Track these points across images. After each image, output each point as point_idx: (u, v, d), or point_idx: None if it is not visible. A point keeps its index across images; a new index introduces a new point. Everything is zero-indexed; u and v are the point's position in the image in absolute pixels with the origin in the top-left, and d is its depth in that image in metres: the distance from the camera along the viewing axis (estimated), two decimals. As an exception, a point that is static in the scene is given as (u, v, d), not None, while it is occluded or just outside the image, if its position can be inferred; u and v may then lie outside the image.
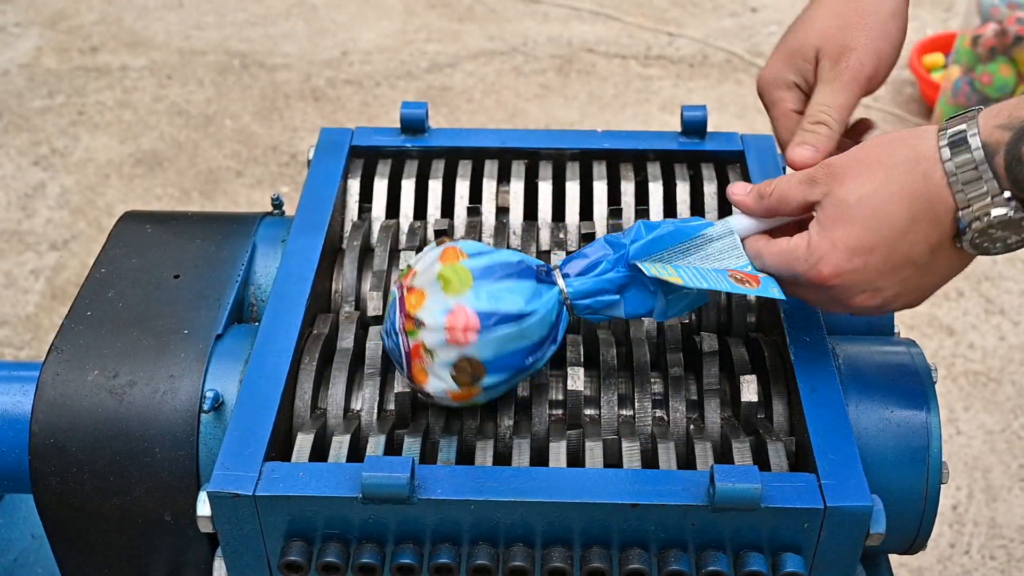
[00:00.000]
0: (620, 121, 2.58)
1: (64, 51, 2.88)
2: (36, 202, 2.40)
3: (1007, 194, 0.69)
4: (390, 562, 0.73)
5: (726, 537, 0.72)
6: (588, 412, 0.83)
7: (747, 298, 0.91)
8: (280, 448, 0.78)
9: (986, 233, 0.70)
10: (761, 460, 0.78)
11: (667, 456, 0.78)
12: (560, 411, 0.84)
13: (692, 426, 0.81)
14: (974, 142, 0.69)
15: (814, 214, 0.76)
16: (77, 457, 0.81)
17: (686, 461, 0.80)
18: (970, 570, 1.70)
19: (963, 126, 0.70)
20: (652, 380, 0.84)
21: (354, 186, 1.00)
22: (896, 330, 0.97)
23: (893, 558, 1.00)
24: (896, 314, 0.97)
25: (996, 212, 0.69)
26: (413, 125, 1.02)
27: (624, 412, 0.83)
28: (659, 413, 0.83)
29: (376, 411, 0.82)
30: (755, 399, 0.81)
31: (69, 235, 2.31)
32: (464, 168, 1.00)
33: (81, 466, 0.81)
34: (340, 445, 0.78)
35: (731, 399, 0.83)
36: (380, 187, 0.99)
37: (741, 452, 0.77)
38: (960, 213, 0.70)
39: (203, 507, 0.72)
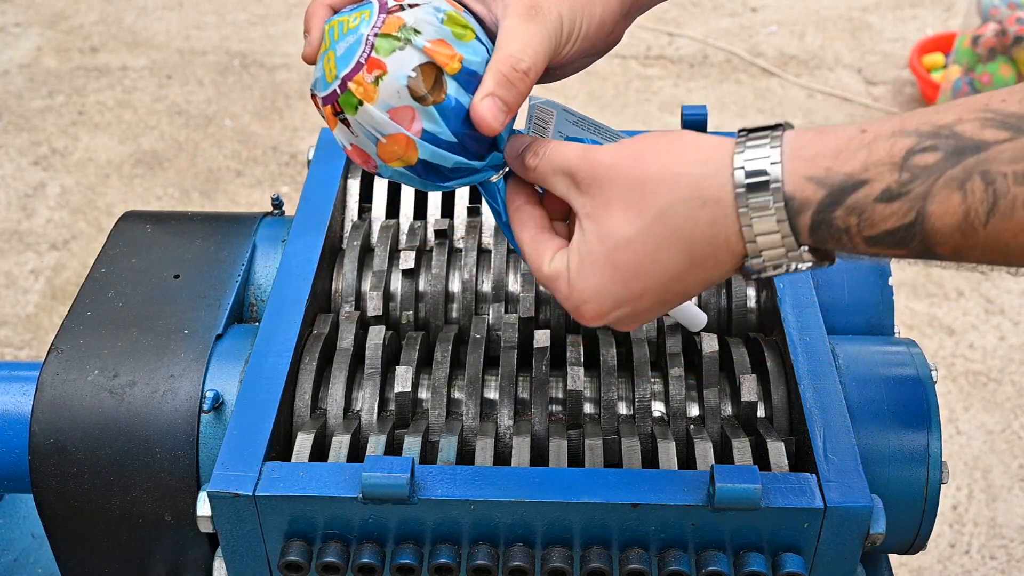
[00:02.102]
0: (620, 121, 2.58)
1: (64, 51, 2.88)
2: (36, 202, 2.40)
3: (805, 248, 0.59)
4: (390, 562, 0.73)
5: (726, 537, 0.72)
6: (588, 412, 0.83)
7: (747, 298, 0.91)
8: (280, 448, 0.78)
9: (772, 276, 0.62)
10: (761, 460, 0.78)
11: (667, 456, 0.78)
12: (560, 411, 0.84)
13: (692, 426, 0.81)
14: (777, 191, 0.58)
15: (577, 222, 0.65)
16: (77, 457, 0.81)
17: (686, 461, 0.80)
18: (970, 570, 1.70)
19: (762, 161, 0.58)
20: (652, 380, 0.84)
21: (354, 186, 1.00)
22: (896, 330, 0.97)
23: (893, 558, 1.00)
24: (896, 314, 0.97)
25: (792, 265, 0.60)
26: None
27: (624, 412, 0.83)
28: (659, 413, 0.83)
29: (376, 411, 0.82)
30: (755, 399, 0.82)
31: (69, 235, 2.31)
32: (464, 168, 1.00)
33: (81, 466, 0.81)
34: (340, 445, 0.78)
35: (731, 399, 0.83)
36: (380, 187, 0.99)
37: (741, 452, 0.77)
38: (749, 262, 0.61)
39: (203, 507, 0.72)
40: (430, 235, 0.97)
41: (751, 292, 0.91)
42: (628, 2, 0.74)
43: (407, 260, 0.92)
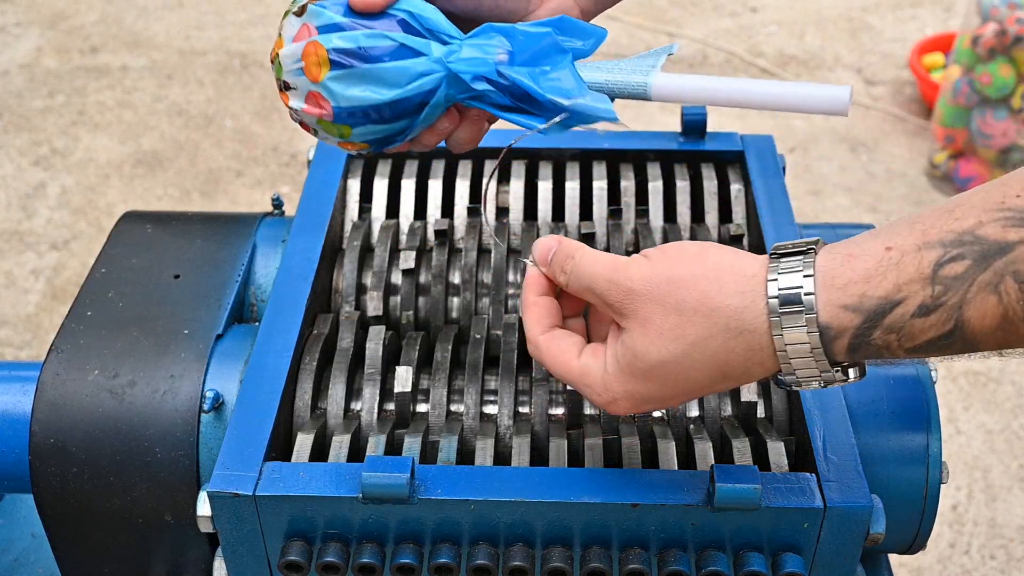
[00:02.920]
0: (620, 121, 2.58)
1: (64, 51, 2.88)
2: (36, 202, 2.40)
3: (838, 370, 0.61)
4: (390, 562, 0.73)
5: (726, 537, 0.72)
6: (588, 412, 0.83)
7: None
8: (280, 448, 0.78)
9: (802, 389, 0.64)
10: (761, 460, 0.78)
11: (667, 456, 0.78)
12: (560, 411, 0.84)
13: (692, 426, 0.81)
14: (810, 326, 0.59)
15: (613, 329, 0.66)
16: (77, 457, 0.81)
17: (686, 461, 0.80)
18: (970, 570, 1.70)
19: (798, 294, 0.59)
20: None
21: (354, 186, 1.00)
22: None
23: (893, 558, 1.00)
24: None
25: (825, 378, 0.62)
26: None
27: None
28: (659, 413, 0.83)
29: (376, 411, 0.82)
30: (755, 399, 0.82)
31: (69, 235, 2.31)
32: (464, 168, 1.01)
33: (81, 466, 0.81)
34: (340, 445, 0.78)
35: (731, 399, 0.83)
36: (380, 187, 0.99)
37: (741, 452, 0.77)
38: (782, 378, 0.63)
39: (203, 507, 0.72)
40: (430, 235, 0.97)
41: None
42: None
43: (407, 260, 0.92)
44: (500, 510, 0.71)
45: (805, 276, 0.60)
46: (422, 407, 0.84)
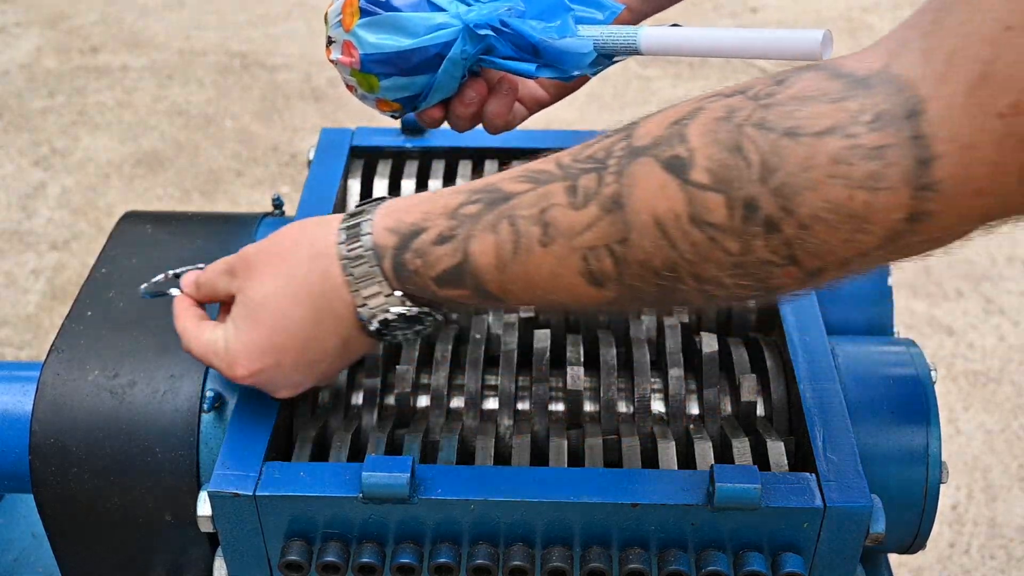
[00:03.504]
0: (620, 121, 2.58)
1: (64, 51, 2.88)
2: (36, 202, 2.40)
3: (399, 293, 0.68)
4: (390, 562, 0.73)
5: (726, 537, 0.72)
6: (588, 411, 0.83)
7: (747, 298, 0.91)
8: (280, 448, 0.78)
9: (389, 326, 0.70)
10: (761, 460, 0.78)
11: (667, 456, 0.78)
12: (560, 410, 0.84)
13: (692, 426, 0.82)
14: (367, 241, 0.68)
15: (234, 302, 0.74)
16: (77, 457, 0.81)
17: (686, 461, 0.80)
18: (970, 570, 1.70)
19: (360, 220, 0.69)
20: (652, 380, 0.84)
21: (354, 186, 1.00)
22: (896, 330, 0.97)
23: (893, 558, 1.00)
24: (896, 314, 0.97)
25: (393, 310, 0.69)
26: (413, 125, 1.02)
27: (624, 412, 0.83)
28: (659, 413, 0.83)
29: (376, 411, 0.82)
30: (755, 399, 0.82)
31: (69, 235, 2.31)
32: (464, 168, 1.00)
33: (81, 466, 0.81)
34: (340, 445, 0.78)
35: (731, 399, 0.83)
36: (380, 187, 0.99)
37: (741, 452, 0.77)
38: (359, 310, 0.69)
39: (203, 507, 0.72)
40: (430, 235, 0.97)
41: (751, 292, 0.91)
42: None
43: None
44: (500, 510, 0.71)
45: (372, 209, 0.69)
46: (422, 406, 0.84)
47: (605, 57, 0.78)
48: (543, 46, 0.76)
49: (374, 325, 0.70)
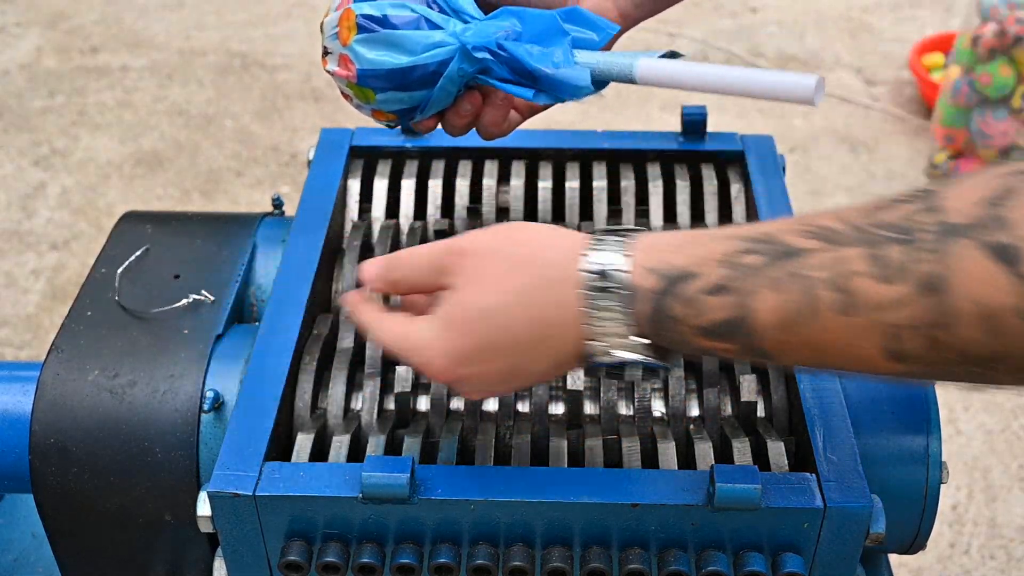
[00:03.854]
0: (620, 121, 2.58)
1: (64, 51, 2.88)
2: (36, 202, 2.40)
3: (641, 340, 0.63)
4: (390, 562, 0.73)
5: (726, 537, 0.72)
6: (588, 411, 0.83)
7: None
8: (280, 448, 0.78)
9: (616, 370, 0.65)
10: (761, 460, 0.78)
11: (667, 456, 0.78)
12: (560, 411, 0.84)
13: (692, 426, 0.82)
14: (621, 278, 0.62)
15: (439, 299, 0.68)
16: (77, 457, 0.81)
17: (686, 461, 0.80)
18: (970, 570, 1.70)
19: (610, 250, 0.63)
20: (652, 380, 0.84)
21: (354, 186, 1.00)
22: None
23: (893, 558, 1.00)
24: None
25: (626, 355, 0.64)
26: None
27: (624, 412, 0.83)
28: (659, 413, 0.83)
29: (376, 411, 0.82)
30: (755, 399, 0.82)
31: (69, 235, 2.31)
32: (464, 168, 1.00)
33: (81, 466, 0.81)
34: (340, 445, 0.78)
35: (731, 399, 0.83)
36: (380, 187, 0.99)
37: (741, 452, 0.77)
38: (588, 344, 0.64)
39: (203, 507, 0.72)
40: (430, 235, 0.97)
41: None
42: None
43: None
44: (500, 510, 0.71)
45: (624, 241, 0.64)
46: (422, 406, 0.84)
47: (601, 83, 0.78)
48: (540, 74, 0.76)
49: (597, 363, 0.65)
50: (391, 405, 0.83)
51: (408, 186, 0.99)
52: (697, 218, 0.99)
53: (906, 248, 0.56)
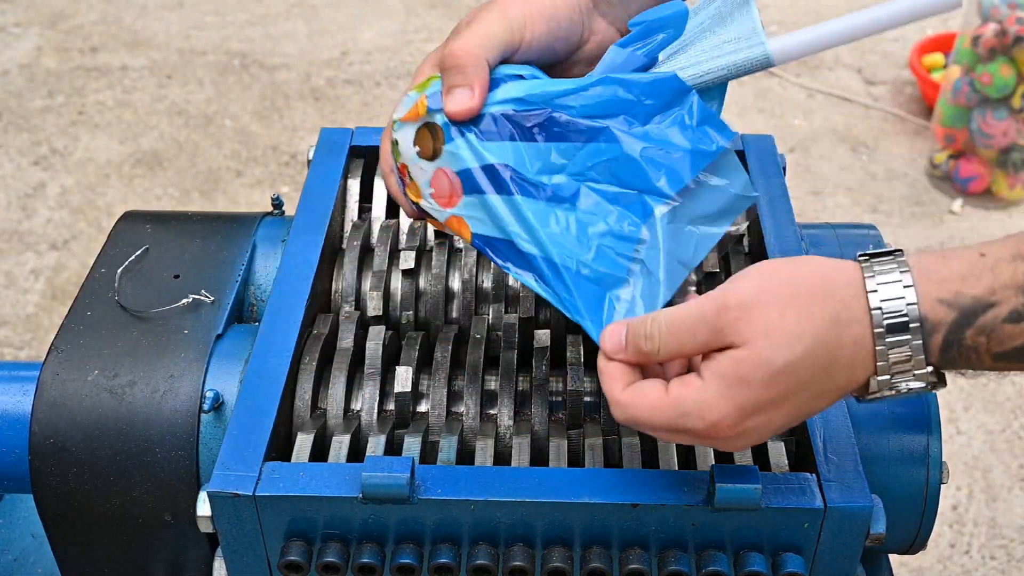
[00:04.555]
0: (620, 121, 2.57)
1: (64, 51, 2.88)
2: (36, 202, 2.40)
3: (931, 369, 0.63)
4: (390, 562, 0.73)
5: (726, 537, 0.72)
6: (588, 412, 0.83)
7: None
8: (280, 448, 0.78)
9: (891, 394, 0.64)
10: (761, 460, 0.78)
11: (667, 456, 0.78)
12: (560, 411, 0.84)
13: (692, 426, 0.81)
14: (911, 312, 0.61)
15: (711, 358, 0.64)
16: (77, 457, 0.81)
17: (686, 461, 0.80)
18: (970, 570, 1.70)
19: (893, 281, 0.62)
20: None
21: (354, 186, 1.00)
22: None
23: (893, 558, 1.00)
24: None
25: (914, 385, 0.64)
26: (413, 125, 1.02)
27: (624, 412, 0.83)
28: (659, 413, 0.83)
29: (376, 411, 0.82)
30: (755, 399, 0.81)
31: (69, 235, 2.31)
32: (464, 168, 1.00)
33: (81, 466, 0.81)
34: (340, 445, 0.78)
35: (731, 399, 0.83)
36: (380, 187, 0.99)
37: (741, 452, 0.77)
38: (875, 379, 0.63)
39: (203, 507, 0.72)
40: (430, 235, 0.97)
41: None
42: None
43: (407, 260, 0.92)
44: (500, 510, 0.71)
45: (902, 272, 0.62)
46: (422, 407, 0.84)
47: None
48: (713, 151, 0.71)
49: (883, 394, 0.64)
50: (391, 405, 0.83)
51: (408, 186, 0.99)
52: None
53: None
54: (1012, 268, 0.61)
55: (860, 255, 0.64)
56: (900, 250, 0.63)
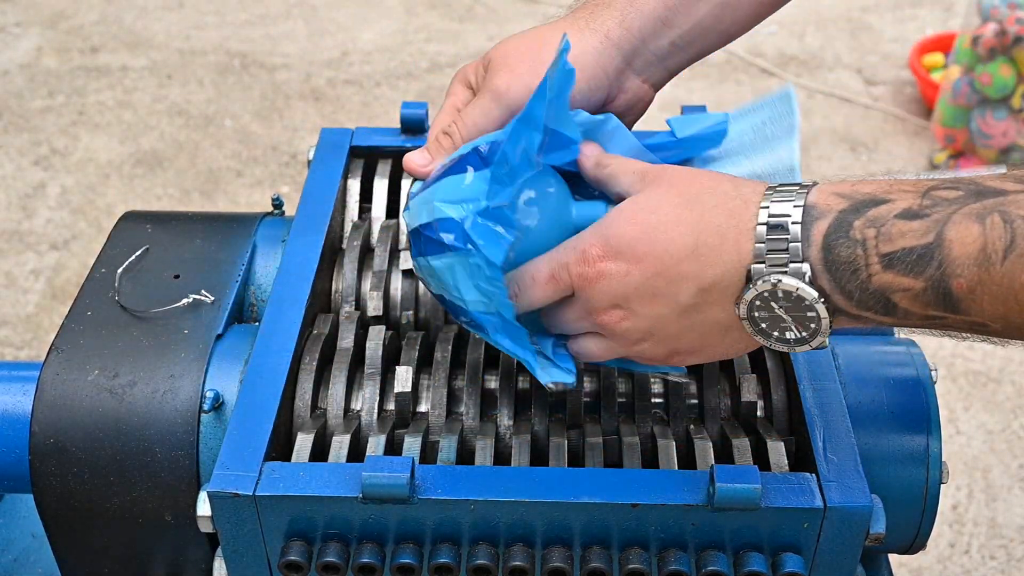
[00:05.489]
0: (620, 121, 2.57)
1: (64, 51, 2.88)
2: (36, 202, 2.40)
3: (806, 267, 0.60)
4: (390, 562, 0.73)
5: (726, 537, 0.72)
6: (588, 411, 0.83)
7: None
8: (280, 448, 0.78)
9: (766, 303, 0.62)
10: (761, 460, 0.78)
11: (667, 456, 0.78)
12: (560, 411, 0.84)
13: (692, 426, 0.81)
14: (799, 200, 0.61)
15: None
16: (77, 457, 0.81)
17: (686, 461, 0.80)
18: (970, 570, 1.70)
19: (794, 185, 0.63)
20: (653, 380, 0.84)
21: (354, 186, 1.00)
22: (896, 331, 0.97)
23: (893, 558, 1.00)
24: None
25: (787, 281, 0.61)
26: (413, 125, 1.02)
27: (624, 412, 0.83)
28: (659, 413, 0.83)
29: (376, 411, 0.82)
30: (755, 399, 0.82)
31: (69, 235, 2.31)
32: (464, 168, 1.00)
33: (81, 466, 0.81)
34: (340, 445, 0.78)
35: (731, 399, 0.83)
36: (380, 187, 0.99)
37: (741, 452, 0.77)
38: (751, 266, 0.61)
39: (203, 507, 0.72)
40: (430, 235, 0.96)
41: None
42: (614, 60, 0.79)
43: (407, 260, 0.92)
44: (500, 510, 0.71)
45: (799, 192, 0.62)
46: (422, 407, 0.84)
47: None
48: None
49: (753, 292, 0.62)
50: (391, 405, 0.83)
51: (408, 186, 0.99)
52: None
53: None
54: (915, 182, 0.60)
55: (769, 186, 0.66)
56: (814, 183, 0.64)
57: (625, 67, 0.81)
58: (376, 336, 0.85)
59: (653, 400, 0.83)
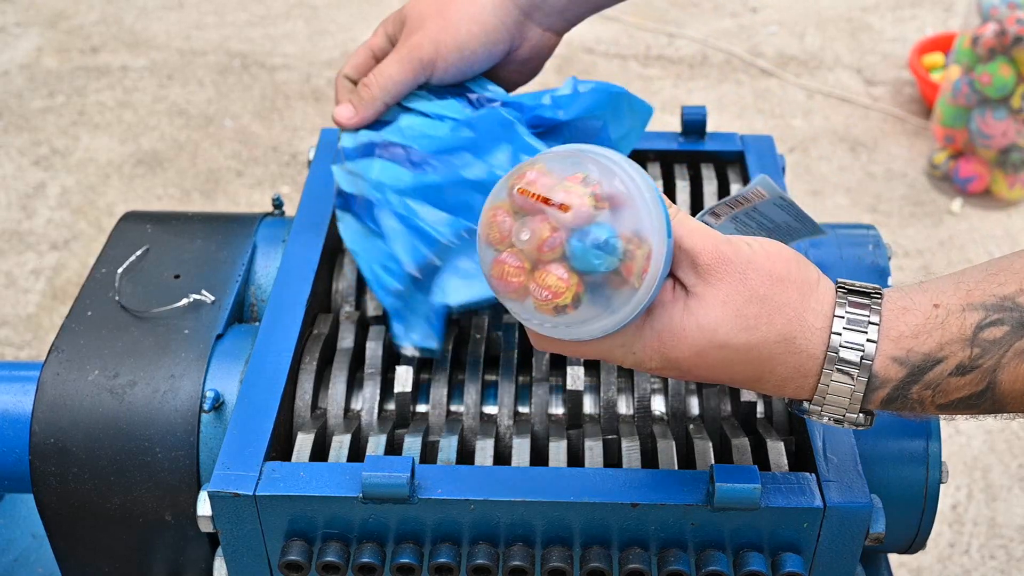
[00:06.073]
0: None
1: (64, 51, 2.88)
2: (36, 202, 2.40)
3: (862, 418, 0.64)
4: (390, 562, 0.73)
5: (726, 537, 0.72)
6: (588, 411, 0.83)
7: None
8: (280, 448, 0.78)
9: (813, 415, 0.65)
10: (761, 460, 0.78)
11: (667, 456, 0.78)
12: (560, 411, 0.84)
13: (692, 426, 0.82)
14: (862, 371, 0.62)
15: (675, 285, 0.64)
16: (77, 457, 0.81)
17: (686, 461, 0.80)
18: (970, 570, 1.70)
19: (861, 339, 0.62)
20: (652, 380, 0.84)
21: (354, 186, 1.00)
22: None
23: (893, 557, 1.00)
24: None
25: (830, 420, 0.65)
26: (413, 125, 1.02)
27: (624, 412, 0.83)
28: (659, 413, 0.83)
29: (376, 411, 0.82)
30: (755, 399, 0.82)
31: (69, 235, 2.31)
32: (464, 168, 1.00)
33: (81, 466, 0.81)
34: (340, 445, 0.78)
35: (731, 399, 0.83)
36: (380, 187, 0.99)
37: (741, 452, 0.77)
38: (806, 406, 0.65)
39: (203, 507, 0.72)
40: (430, 235, 0.96)
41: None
42: (512, 13, 0.87)
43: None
44: (500, 510, 0.71)
45: (870, 323, 0.62)
46: (422, 407, 0.84)
47: None
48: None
49: (801, 415, 0.66)
50: (391, 405, 0.83)
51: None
52: (697, 218, 0.99)
53: None
54: (960, 320, 0.61)
55: (839, 284, 0.64)
56: (879, 292, 0.63)
57: (524, 19, 0.88)
58: (376, 336, 0.85)
59: (653, 399, 0.83)
